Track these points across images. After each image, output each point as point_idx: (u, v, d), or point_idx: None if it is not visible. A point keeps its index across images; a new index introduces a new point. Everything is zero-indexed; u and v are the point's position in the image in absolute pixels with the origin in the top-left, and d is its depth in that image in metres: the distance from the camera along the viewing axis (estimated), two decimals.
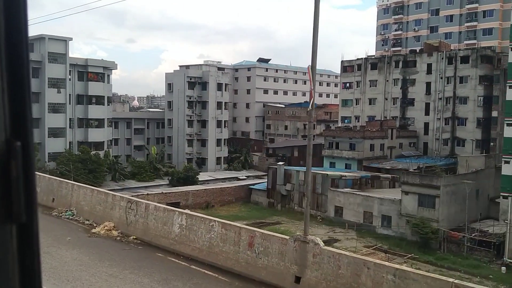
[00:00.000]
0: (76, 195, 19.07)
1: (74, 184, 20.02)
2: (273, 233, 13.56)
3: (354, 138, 64.95)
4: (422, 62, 70.38)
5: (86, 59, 61.07)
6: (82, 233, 16.59)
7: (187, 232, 14.28)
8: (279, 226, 49.25)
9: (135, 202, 16.37)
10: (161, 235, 15.15)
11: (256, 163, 77.14)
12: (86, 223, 17.81)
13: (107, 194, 17.77)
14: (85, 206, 18.55)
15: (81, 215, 18.36)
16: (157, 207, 15.67)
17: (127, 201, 16.67)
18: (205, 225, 13.81)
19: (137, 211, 16.03)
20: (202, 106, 73.85)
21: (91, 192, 18.38)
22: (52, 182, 20.37)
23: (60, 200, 19.71)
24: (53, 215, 18.72)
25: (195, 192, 57.19)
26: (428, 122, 69.99)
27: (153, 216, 15.54)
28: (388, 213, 47.08)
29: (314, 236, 12.72)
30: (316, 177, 53.61)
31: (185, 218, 14.52)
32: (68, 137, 59.07)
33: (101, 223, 17.12)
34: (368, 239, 46.25)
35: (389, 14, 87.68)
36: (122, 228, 16.47)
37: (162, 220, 15.34)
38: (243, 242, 12.65)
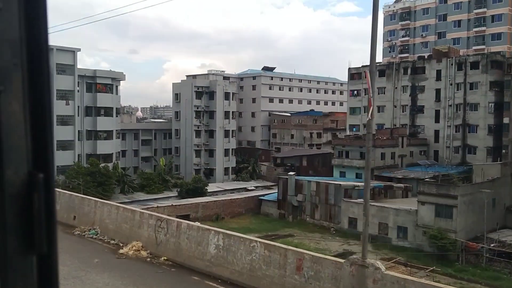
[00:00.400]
0: (100, 212, 18.27)
1: (97, 201, 19.20)
2: (325, 256, 12.74)
3: (364, 147, 64.09)
4: (431, 68, 69.75)
5: (94, 70, 60.63)
6: (109, 254, 15.82)
7: (225, 253, 13.49)
8: (292, 239, 48.40)
9: (165, 220, 15.59)
10: (196, 256, 14.34)
11: (264, 173, 76.37)
12: (112, 242, 17.01)
13: (134, 212, 16.98)
14: (110, 225, 17.76)
15: (106, 234, 17.57)
16: (190, 226, 14.87)
17: (156, 219, 15.89)
18: (245, 246, 13.03)
19: (168, 229, 15.25)
20: (210, 116, 73.27)
21: (116, 210, 17.59)
22: (73, 199, 19.60)
23: (82, 218, 18.92)
24: (76, 234, 17.93)
25: (205, 204, 56.44)
26: (438, 129, 69.21)
27: (185, 235, 14.74)
28: (404, 224, 46.21)
29: (374, 260, 11.88)
30: (329, 187, 52.88)
31: (222, 238, 13.71)
32: (77, 149, 58.43)
33: (128, 242, 16.32)
34: (384, 251, 45.36)
35: (395, 20, 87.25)
36: (151, 248, 15.68)
37: (196, 239, 14.52)
38: (290, 266, 11.85)
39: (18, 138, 1.11)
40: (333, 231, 51.36)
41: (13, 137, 1.10)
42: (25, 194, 1.11)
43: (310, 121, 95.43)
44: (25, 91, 1.12)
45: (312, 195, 54.29)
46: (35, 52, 1.14)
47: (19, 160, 1.11)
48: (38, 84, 1.15)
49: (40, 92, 1.15)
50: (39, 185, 1.11)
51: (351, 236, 49.50)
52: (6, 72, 1.10)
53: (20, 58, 1.12)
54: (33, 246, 1.11)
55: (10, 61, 1.10)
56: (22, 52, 1.12)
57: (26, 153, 1.12)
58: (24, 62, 1.12)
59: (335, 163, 67.16)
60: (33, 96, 1.14)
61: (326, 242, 48.44)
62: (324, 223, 53.14)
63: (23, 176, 1.11)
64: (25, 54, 1.13)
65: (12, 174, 1.10)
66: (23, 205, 1.10)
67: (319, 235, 51.06)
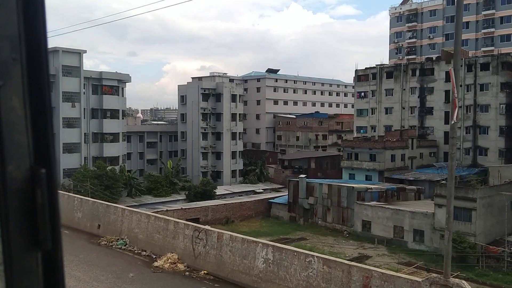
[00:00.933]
0: (128, 221, 17.17)
1: (125, 209, 18.05)
2: (397, 274, 11.74)
3: (374, 149, 63.31)
4: (440, 70, 68.91)
5: (100, 72, 59.62)
6: (143, 267, 14.78)
7: (275, 268, 12.45)
8: (304, 243, 47.47)
9: (204, 231, 14.53)
10: (241, 270, 13.30)
11: (272, 176, 75.41)
12: (144, 254, 15.94)
13: (168, 221, 15.88)
14: (139, 234, 16.67)
15: (136, 245, 16.48)
16: (233, 237, 13.80)
17: (193, 230, 14.82)
18: (299, 260, 12.00)
19: (207, 241, 14.19)
20: (217, 118, 72.30)
21: (146, 218, 16.51)
22: (97, 207, 18.50)
23: (108, 227, 17.84)
24: (102, 244, 16.90)
25: (215, 207, 55.49)
26: (448, 131, 68.09)
27: (228, 247, 13.70)
28: (420, 227, 45.28)
29: (459, 280, 10.82)
30: (341, 190, 51.95)
31: (272, 251, 12.65)
32: (83, 152, 57.40)
33: (161, 254, 15.27)
34: (400, 255, 44.41)
35: (402, 22, 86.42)
36: (188, 260, 14.63)
37: (241, 252, 13.51)
38: (356, 284, 10.78)
39: (19, 133, 1.11)
40: (346, 235, 50.43)
41: (14, 132, 1.10)
42: (28, 189, 1.10)
43: (315, 123, 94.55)
44: (24, 86, 1.12)
45: (324, 197, 53.35)
46: (34, 47, 1.15)
47: (21, 155, 1.11)
48: (37, 79, 1.15)
49: (40, 87, 1.15)
50: (42, 180, 1.11)
51: (365, 239, 48.65)
52: (6, 67, 1.10)
53: (19, 53, 1.12)
54: (38, 243, 1.11)
55: (9, 56, 1.11)
56: (21, 48, 1.12)
57: (27, 148, 1.12)
58: (24, 57, 1.13)
59: (344, 165, 66.27)
60: (33, 91, 1.14)
61: (340, 246, 47.53)
62: (337, 226, 52.20)
63: (25, 172, 1.11)
64: (24, 49, 1.13)
65: (14, 169, 1.09)
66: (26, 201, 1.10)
67: (332, 238, 50.17)
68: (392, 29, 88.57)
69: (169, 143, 77.15)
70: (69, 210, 19.34)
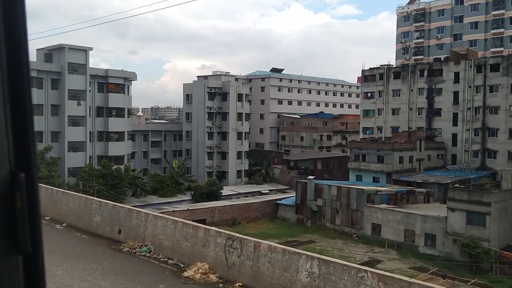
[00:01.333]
0: (152, 227, 16.25)
1: (148, 213, 17.11)
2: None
3: (382, 150, 62.57)
4: (449, 70, 68.21)
5: (106, 69, 58.75)
6: (173, 277, 13.92)
7: (322, 283, 11.55)
8: (313, 246, 46.69)
9: (238, 240, 13.68)
10: (281, 284, 12.40)
11: (277, 176, 74.63)
12: (170, 262, 15.03)
13: (197, 228, 14.97)
14: (165, 241, 15.74)
15: (161, 252, 15.58)
16: (272, 248, 12.92)
17: (226, 238, 13.96)
18: (349, 275, 11.15)
19: (242, 250, 13.33)
20: (223, 117, 71.44)
21: (173, 224, 15.59)
22: (118, 211, 17.59)
23: (130, 232, 16.90)
24: (125, 251, 16.02)
25: (221, 208, 54.68)
26: (456, 133, 67.68)
27: (266, 258, 12.83)
28: (432, 232, 44.49)
29: None
30: (351, 192, 51.17)
31: (317, 264, 11.81)
32: (88, 151, 56.54)
33: (190, 263, 14.38)
34: (412, 259, 43.67)
35: (410, 21, 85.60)
36: (220, 271, 13.76)
37: (281, 264, 12.63)
38: None
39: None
40: (356, 238, 49.65)
41: None
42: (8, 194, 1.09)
43: (320, 123, 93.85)
44: (5, 91, 1.10)
45: (333, 199, 52.57)
46: (15, 52, 1.13)
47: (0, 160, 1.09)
48: (18, 82, 1.13)
49: (21, 90, 1.14)
50: (21, 184, 1.10)
51: (375, 243, 47.87)
52: None
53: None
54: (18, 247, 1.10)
55: None
56: (1, 52, 1.10)
57: (7, 152, 1.10)
58: (4, 62, 1.11)
59: (351, 166, 65.53)
60: (13, 95, 1.12)
61: (350, 249, 46.75)
62: (346, 229, 51.41)
63: (4, 176, 1.09)
64: (4, 54, 1.11)
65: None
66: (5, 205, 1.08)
67: (341, 241, 49.38)
68: (399, 29, 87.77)
69: (173, 142, 76.34)
70: (86, 214, 18.47)
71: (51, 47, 54.26)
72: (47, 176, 47.75)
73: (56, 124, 53.36)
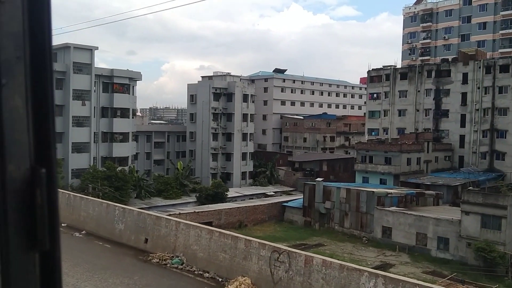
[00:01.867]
0: (184, 236, 15.09)
1: (179, 222, 15.91)
2: None
3: (390, 152, 61.71)
4: (457, 71, 67.44)
5: (111, 69, 57.72)
6: None
7: None
8: (323, 249, 45.80)
9: (286, 253, 12.60)
10: None
11: (282, 178, 73.69)
12: (206, 276, 13.88)
13: (237, 239, 13.80)
14: (199, 252, 14.63)
15: (194, 264, 14.42)
16: (327, 263, 11.80)
17: (271, 250, 12.90)
18: None
19: (291, 265, 12.24)
20: (227, 118, 70.43)
21: (208, 234, 14.40)
22: (144, 218, 16.47)
23: (158, 241, 15.73)
24: (154, 262, 14.92)
25: (228, 210, 53.78)
26: (464, 134, 66.92)
27: (320, 274, 11.71)
28: (445, 235, 43.63)
29: None
30: (361, 195, 50.29)
31: (383, 282, 10.66)
32: (92, 152, 55.55)
33: (229, 277, 13.28)
34: (424, 263, 42.80)
35: (416, 22, 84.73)
36: (265, 287, 12.70)
37: (338, 282, 11.54)
38: None
39: (20, 133, 1.10)
40: (365, 241, 48.77)
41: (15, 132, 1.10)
42: (27, 190, 1.10)
43: (323, 124, 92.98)
44: (27, 85, 1.12)
45: (342, 202, 51.68)
46: (38, 46, 1.14)
47: (21, 155, 1.11)
48: (41, 78, 1.14)
49: (43, 86, 1.14)
50: (41, 180, 1.11)
51: (385, 246, 47.00)
52: (9, 65, 1.09)
53: (23, 51, 1.11)
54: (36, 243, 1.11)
55: (13, 54, 1.10)
56: (25, 46, 1.11)
57: (28, 148, 1.12)
58: (27, 55, 1.11)
59: (358, 168, 64.66)
60: (36, 90, 1.13)
61: (360, 253, 45.86)
62: (355, 232, 50.53)
63: (25, 172, 1.10)
64: (28, 48, 1.12)
65: (14, 169, 1.09)
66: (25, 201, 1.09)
67: (351, 245, 48.51)
68: (406, 29, 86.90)
69: (176, 143, 75.37)
70: (108, 221, 17.41)
71: (56, 46, 53.23)
72: None
73: (60, 124, 52.34)
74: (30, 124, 1.11)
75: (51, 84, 1.15)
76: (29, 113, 1.10)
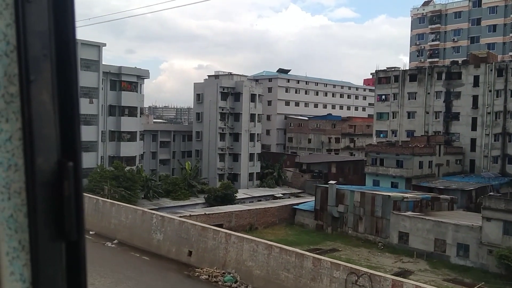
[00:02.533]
0: (236, 250, 13.52)
1: (230, 234, 14.32)
2: None
3: (402, 155, 60.61)
4: (468, 74, 66.52)
5: (119, 66, 56.17)
6: None
7: None
8: (338, 254, 44.54)
9: (367, 276, 11.34)
10: None
11: (290, 179, 72.45)
12: None
13: (302, 257, 12.35)
14: (255, 269, 13.12)
15: (250, 283, 12.83)
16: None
17: (348, 272, 11.65)
18: None
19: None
20: (235, 118, 69.06)
21: (266, 249, 12.83)
22: (186, 228, 15.01)
23: (204, 255, 14.16)
24: (203, 279, 13.44)
25: (239, 213, 52.45)
26: (475, 138, 66.03)
27: None
28: (465, 242, 42.51)
29: None
30: (376, 199, 49.12)
31: None
32: (99, 151, 54.05)
33: None
34: (444, 270, 41.70)
35: (425, 23, 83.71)
36: None
37: None
38: None
39: (48, 127, 1.14)
40: (381, 246, 47.60)
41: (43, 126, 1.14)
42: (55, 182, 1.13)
43: (328, 126, 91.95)
44: (53, 81, 1.15)
45: (356, 206, 50.50)
46: (63, 43, 1.17)
47: (49, 149, 1.14)
48: (66, 75, 1.18)
49: (68, 82, 1.18)
50: (69, 173, 1.15)
51: (402, 252, 45.85)
52: (37, 62, 1.13)
53: (49, 49, 1.15)
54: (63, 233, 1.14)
55: (40, 52, 1.14)
56: (51, 43, 1.15)
57: (55, 142, 1.15)
58: (53, 53, 1.15)
59: (369, 170, 63.51)
60: (62, 86, 1.17)
61: (377, 259, 44.68)
62: (369, 237, 49.36)
63: (53, 165, 1.14)
64: (54, 45, 1.15)
65: (43, 162, 1.13)
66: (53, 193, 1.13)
67: (366, 250, 47.33)
68: (414, 31, 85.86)
69: (182, 143, 73.97)
70: (144, 230, 15.90)
71: None
72: None
73: None
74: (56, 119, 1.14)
75: (76, 80, 1.17)
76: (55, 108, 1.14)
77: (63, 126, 1.15)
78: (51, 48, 1.13)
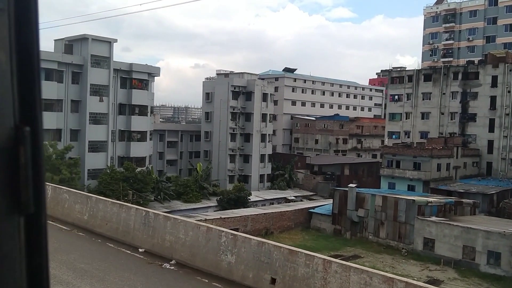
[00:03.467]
0: (339, 282, 10.84)
1: (330, 261, 10.94)
2: None
3: (419, 157, 58.76)
4: (485, 74, 64.72)
5: (130, 63, 53.83)
6: None
7: None
8: (361, 261, 42.52)
9: None
10: None
11: (301, 181, 70.44)
12: None
13: None
14: None
15: None
16: None
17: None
18: None
19: None
20: (246, 118, 66.87)
21: (386, 284, 9.81)
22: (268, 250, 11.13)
23: (294, 285, 11.50)
24: None
25: (254, 217, 50.38)
26: (492, 139, 64.27)
27: None
28: (496, 249, 40.58)
29: None
30: (399, 203, 47.15)
31: None
32: (109, 151, 51.81)
33: None
34: (474, 279, 39.79)
35: (438, 22, 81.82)
36: None
37: None
38: None
39: (4, 90, 1.04)
40: (405, 253, 45.63)
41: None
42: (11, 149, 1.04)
43: (336, 126, 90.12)
44: (11, 39, 1.04)
45: (377, 210, 48.50)
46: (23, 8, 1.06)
47: (5, 112, 1.04)
48: (25, 32, 1.07)
49: (28, 40, 1.07)
50: (25, 139, 1.05)
51: (427, 259, 43.88)
52: None
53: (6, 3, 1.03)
54: (20, 206, 1.05)
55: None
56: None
57: (12, 105, 1.05)
58: (11, 6, 1.04)
59: (384, 173, 61.62)
60: (20, 44, 1.06)
61: (402, 266, 42.73)
62: (392, 243, 47.38)
63: (8, 130, 1.04)
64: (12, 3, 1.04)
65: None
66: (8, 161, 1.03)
67: (389, 256, 45.34)
68: (427, 30, 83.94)
69: (189, 143, 71.78)
70: (210, 250, 13.62)
71: (72, 37, 49.48)
72: (68, 179, 43.12)
73: (76, 121, 48.66)
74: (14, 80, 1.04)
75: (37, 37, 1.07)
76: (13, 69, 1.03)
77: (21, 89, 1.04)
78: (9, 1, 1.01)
